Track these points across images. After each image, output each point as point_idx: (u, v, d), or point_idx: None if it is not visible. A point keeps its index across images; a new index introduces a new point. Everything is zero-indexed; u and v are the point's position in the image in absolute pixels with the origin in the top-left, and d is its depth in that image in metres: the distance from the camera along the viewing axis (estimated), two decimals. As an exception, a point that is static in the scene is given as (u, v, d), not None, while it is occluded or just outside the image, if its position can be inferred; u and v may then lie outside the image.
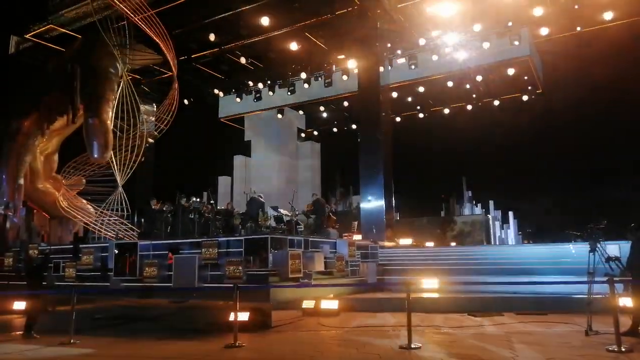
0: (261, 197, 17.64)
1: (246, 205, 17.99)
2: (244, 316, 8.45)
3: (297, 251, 11.81)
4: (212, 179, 29.02)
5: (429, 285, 12.93)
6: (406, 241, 18.87)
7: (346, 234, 18.62)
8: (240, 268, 10.90)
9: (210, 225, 16.43)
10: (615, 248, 8.89)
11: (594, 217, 8.58)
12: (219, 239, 12.07)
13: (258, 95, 25.52)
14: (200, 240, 12.29)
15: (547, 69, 23.14)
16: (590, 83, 20.05)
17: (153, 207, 16.46)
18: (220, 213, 17.36)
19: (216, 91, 25.72)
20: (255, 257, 11.24)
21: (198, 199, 17.64)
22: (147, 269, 12.21)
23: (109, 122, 15.92)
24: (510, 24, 19.45)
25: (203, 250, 11.75)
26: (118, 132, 16.48)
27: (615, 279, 7.10)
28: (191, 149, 25.93)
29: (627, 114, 20.91)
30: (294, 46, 20.54)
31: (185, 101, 23.74)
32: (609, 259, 7.78)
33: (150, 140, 18.47)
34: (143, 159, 17.58)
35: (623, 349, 6.33)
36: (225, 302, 9.01)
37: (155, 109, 20.22)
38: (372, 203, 18.54)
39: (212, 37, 19.84)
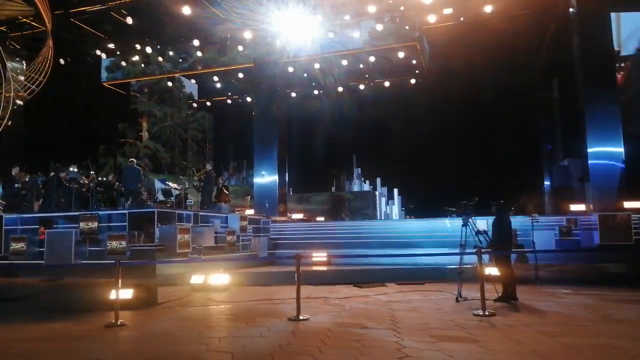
0: (136, 164, 15.27)
1: (122, 175, 15.39)
2: (127, 294, 8.02)
3: (186, 226, 11.45)
4: (93, 147, 26.94)
5: (319, 259, 13.33)
6: (298, 216, 19.21)
7: (239, 208, 18.44)
8: (124, 243, 10.31)
9: (90, 198, 15.21)
10: (484, 223, 9.85)
11: (467, 195, 9.38)
12: (100, 212, 11.26)
13: (146, 60, 23.91)
14: (77, 213, 11.37)
15: (434, 55, 24.57)
16: (472, 70, 21.71)
17: (15, 176, 14.73)
18: (101, 184, 16.13)
19: (98, 52, 23.57)
20: (141, 231, 10.69)
21: (76, 169, 16.21)
22: (13, 244, 11.05)
23: (-34, 79, 13.92)
24: (402, 8, 20.23)
25: (82, 224, 10.90)
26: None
27: (482, 250, 7.87)
28: (68, 114, 23.64)
29: (506, 102, 23.04)
30: (187, 10, 19.44)
31: (62, 61, 21.48)
32: (478, 233, 8.61)
33: (19, 102, 16.49)
34: (9, 123, 15.66)
35: (487, 313, 7.06)
36: (107, 279, 8.48)
37: (24, 68, 18.03)
38: (265, 178, 18.54)
39: (94, -9, 18.10)
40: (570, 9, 17.25)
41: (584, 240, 13.03)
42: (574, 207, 15.11)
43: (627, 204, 13.55)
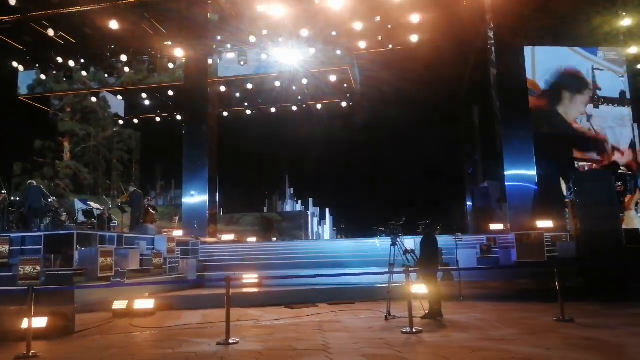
0: (35, 184, 14.80)
1: (23, 194, 14.93)
2: (40, 322, 7.44)
3: (108, 248, 10.88)
4: (6, 165, 25.09)
5: (250, 280, 13.12)
6: (228, 237, 18.86)
7: (166, 230, 17.82)
8: (39, 267, 9.60)
9: (1, 219, 14.08)
10: (412, 242, 10.16)
11: (395, 215, 9.65)
12: (12, 235, 10.45)
13: (68, 74, 22.74)
14: (-15, 236, 10.48)
15: (365, 79, 25.37)
16: (401, 96, 22.68)
17: None
18: (13, 205, 14.99)
19: (15, 64, 22.10)
20: (58, 255, 10.01)
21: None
22: None
23: None
24: (334, 33, 20.81)
25: (-10, 248, 10.05)
26: None
27: (410, 269, 8.10)
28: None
29: (432, 126, 24.17)
30: (114, 24, 18.79)
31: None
32: (406, 252, 8.87)
33: None
34: None
35: (414, 330, 7.25)
36: (19, 307, 7.82)
37: None
38: (195, 198, 18.08)
39: (12, 0, 17.04)
40: (488, 42, 18.54)
41: (503, 258, 13.77)
42: (494, 227, 15.99)
43: (540, 224, 14.55)
